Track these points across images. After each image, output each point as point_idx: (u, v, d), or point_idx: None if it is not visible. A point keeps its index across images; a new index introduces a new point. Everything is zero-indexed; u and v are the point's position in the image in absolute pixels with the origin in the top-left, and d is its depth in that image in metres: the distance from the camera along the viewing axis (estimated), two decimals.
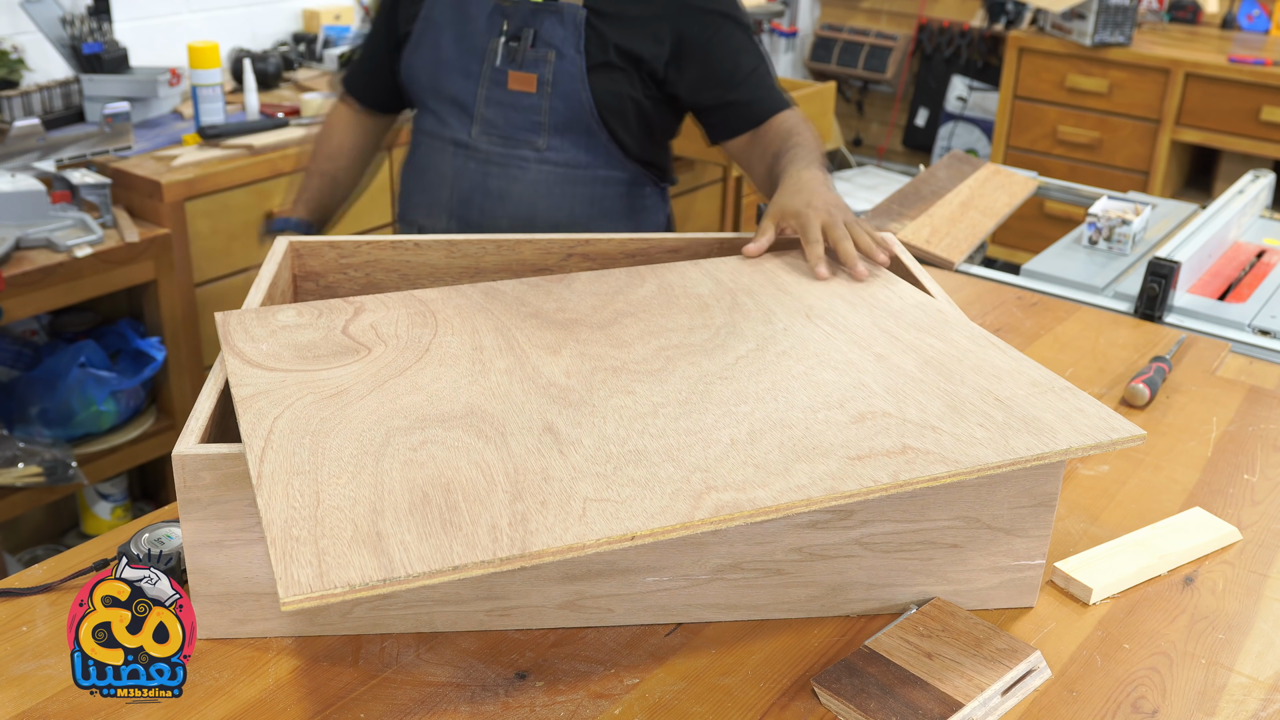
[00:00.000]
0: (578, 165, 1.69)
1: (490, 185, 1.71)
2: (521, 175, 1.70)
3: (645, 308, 1.24)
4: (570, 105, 1.64)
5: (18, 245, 2.14)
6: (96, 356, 2.33)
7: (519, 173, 1.70)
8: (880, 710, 0.94)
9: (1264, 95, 3.88)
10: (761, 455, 0.93)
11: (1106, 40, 4.10)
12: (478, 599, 1.03)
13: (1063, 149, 4.31)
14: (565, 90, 1.63)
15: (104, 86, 2.61)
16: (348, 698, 0.96)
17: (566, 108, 1.64)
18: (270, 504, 0.85)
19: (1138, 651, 1.06)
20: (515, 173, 1.70)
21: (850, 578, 1.07)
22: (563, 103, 1.64)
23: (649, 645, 1.04)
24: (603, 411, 1.00)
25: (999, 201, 2.38)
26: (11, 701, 0.94)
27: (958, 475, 0.91)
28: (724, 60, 1.65)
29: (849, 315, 1.21)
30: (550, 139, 1.68)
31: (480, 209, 1.71)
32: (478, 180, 1.71)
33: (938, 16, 4.90)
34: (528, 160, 1.69)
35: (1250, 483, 1.34)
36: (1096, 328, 1.78)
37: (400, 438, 0.95)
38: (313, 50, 3.18)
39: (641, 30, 1.63)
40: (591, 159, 1.69)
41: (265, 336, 1.14)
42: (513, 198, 1.70)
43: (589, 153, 1.69)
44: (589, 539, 0.82)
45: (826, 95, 3.58)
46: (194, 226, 2.38)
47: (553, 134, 1.67)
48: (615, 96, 1.65)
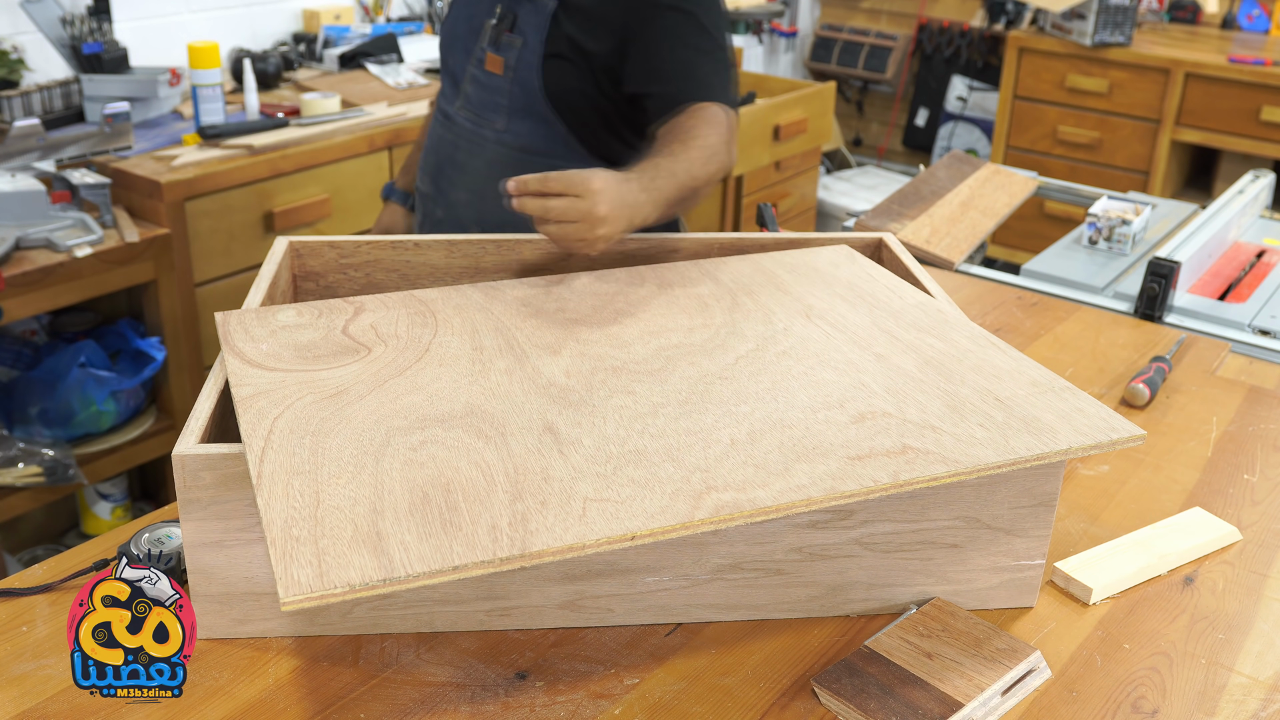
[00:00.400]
0: (533, 151, 1.72)
1: (458, 157, 1.79)
2: (481, 152, 1.76)
3: (645, 308, 1.24)
4: (527, 91, 1.69)
5: (18, 245, 2.14)
6: (96, 356, 2.33)
7: (479, 149, 1.76)
8: (880, 710, 0.94)
9: (1264, 95, 3.88)
10: (761, 455, 0.93)
11: (1106, 40, 4.10)
12: (478, 599, 1.03)
13: (1063, 149, 4.31)
14: (523, 77, 1.68)
15: (104, 86, 2.61)
16: (348, 698, 0.96)
17: (524, 93, 1.69)
18: (270, 504, 0.85)
19: (1138, 651, 1.06)
20: (476, 149, 1.76)
21: (850, 578, 1.07)
22: (520, 88, 1.69)
23: (649, 645, 1.04)
24: (603, 411, 1.00)
25: (999, 201, 2.38)
26: (11, 701, 0.94)
27: (958, 475, 0.91)
28: (661, 51, 1.66)
29: (849, 315, 1.21)
30: (509, 121, 1.72)
31: (448, 178, 1.79)
32: (449, 151, 1.79)
33: (938, 16, 4.90)
34: (487, 139, 1.75)
35: (1250, 483, 1.34)
36: (1096, 328, 1.78)
37: (400, 438, 0.95)
38: (313, 50, 3.18)
39: (598, 25, 1.66)
40: (549, 148, 1.71)
41: (265, 336, 1.14)
42: (471, 172, 1.76)
43: (546, 141, 1.71)
44: (589, 539, 0.82)
45: (826, 95, 3.58)
46: (194, 226, 2.38)
47: (511, 117, 1.72)
48: (566, 88, 1.68)
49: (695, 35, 1.66)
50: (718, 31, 1.68)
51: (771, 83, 3.64)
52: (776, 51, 5.11)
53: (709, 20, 1.67)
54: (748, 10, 4.35)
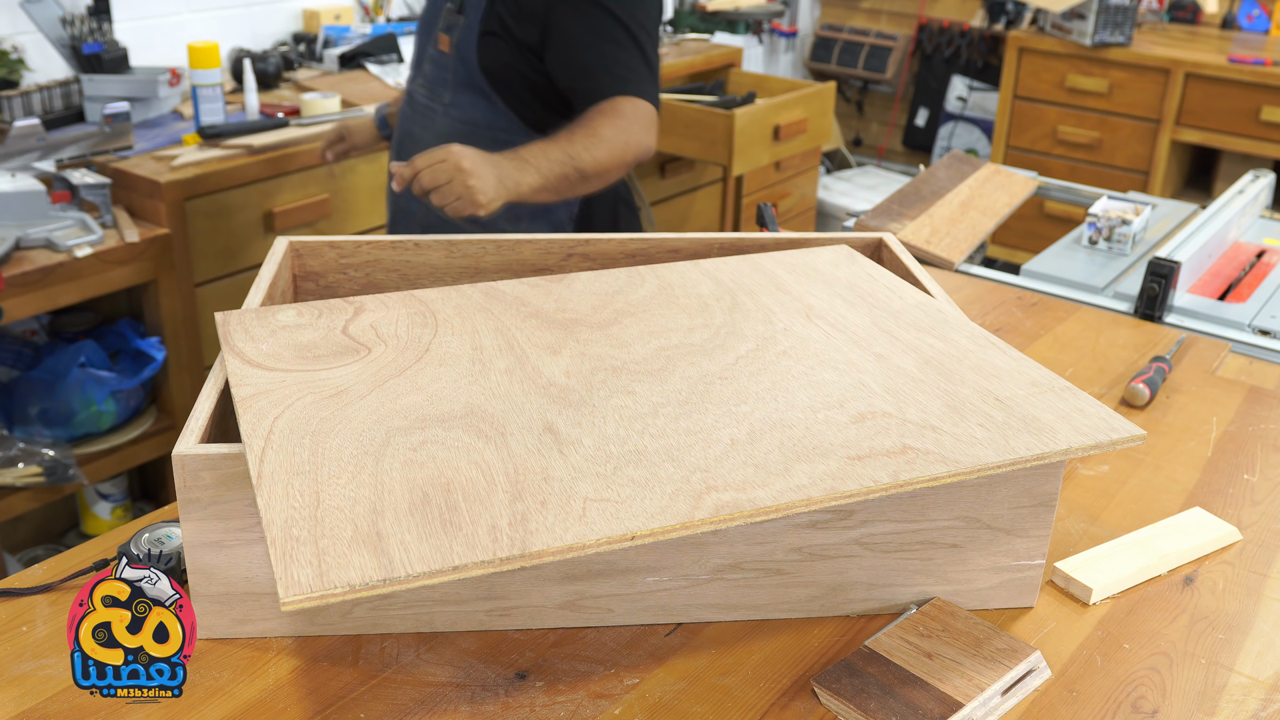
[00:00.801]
0: (476, 124, 1.86)
1: (414, 130, 1.94)
2: (432, 125, 1.91)
3: (645, 308, 1.24)
4: (466, 67, 1.84)
5: (18, 245, 2.14)
6: (96, 356, 2.33)
7: (430, 123, 1.91)
8: (880, 710, 0.94)
9: (1264, 95, 3.89)
10: (761, 455, 0.93)
11: (1106, 40, 4.10)
12: (478, 599, 1.03)
13: (1063, 149, 4.31)
14: (464, 53, 1.84)
15: (104, 86, 2.61)
16: (348, 698, 0.96)
17: (464, 69, 1.84)
18: (270, 504, 0.85)
19: (1138, 651, 1.06)
20: (429, 122, 1.91)
21: (850, 578, 1.07)
22: (461, 64, 1.84)
23: (649, 645, 1.04)
24: (603, 411, 1.00)
25: (999, 201, 2.38)
26: (11, 701, 0.94)
27: (958, 475, 0.91)
28: (578, 47, 1.78)
29: (849, 315, 1.21)
30: (454, 96, 1.87)
31: (406, 150, 1.93)
32: (408, 126, 1.96)
33: (938, 16, 4.90)
34: (436, 113, 1.90)
35: (1250, 483, 1.34)
36: (1096, 328, 1.78)
37: (400, 438, 0.95)
38: (313, 50, 3.18)
39: (525, 14, 1.79)
40: (490, 120, 1.86)
41: (265, 336, 1.14)
42: (424, 144, 1.87)
43: (487, 114, 1.85)
44: (589, 539, 0.82)
45: (826, 95, 3.58)
46: (194, 226, 2.38)
47: (456, 91, 1.87)
48: (501, 64, 1.82)
49: (613, 30, 1.78)
50: (637, 26, 1.80)
51: (771, 83, 3.64)
52: (776, 51, 5.11)
53: (628, 15, 1.79)
54: (748, 10, 4.35)
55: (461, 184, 1.61)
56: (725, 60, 3.76)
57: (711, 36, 4.10)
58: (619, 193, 2.03)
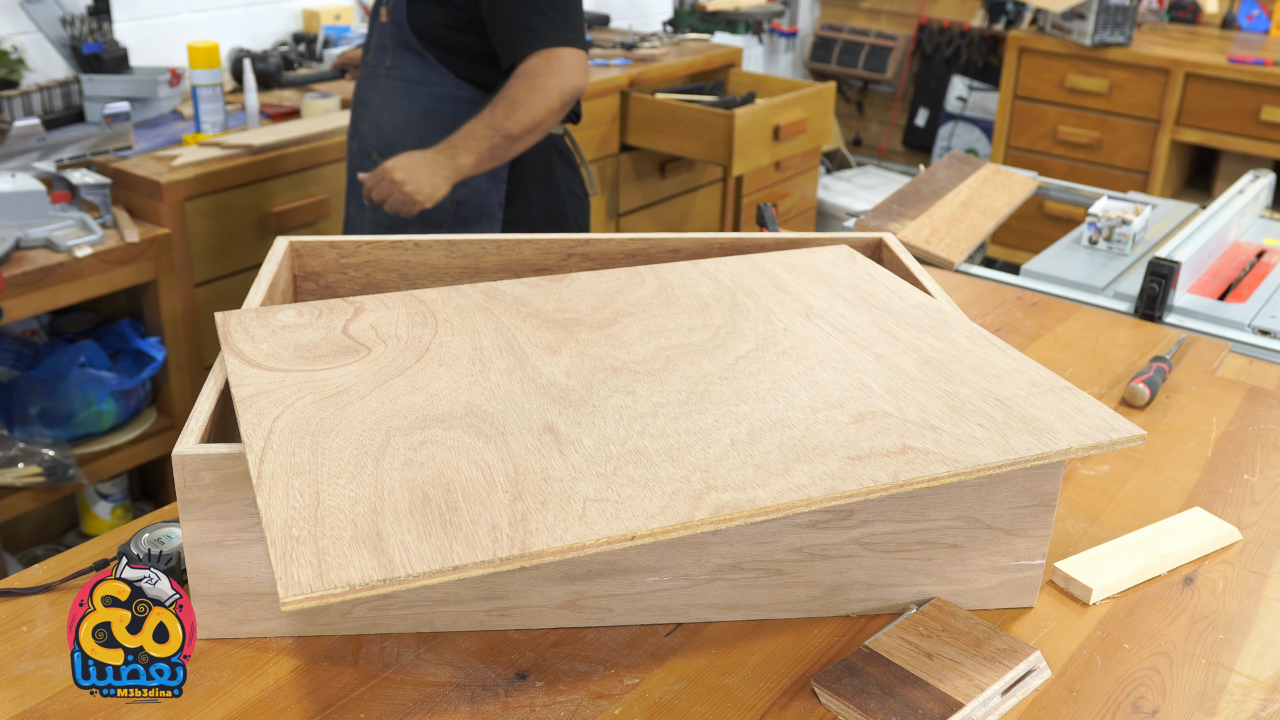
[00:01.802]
0: (414, 81, 2.07)
1: (363, 94, 2.15)
2: (376, 87, 2.12)
3: (645, 308, 1.24)
4: (400, 30, 2.04)
5: (18, 245, 2.14)
6: (96, 356, 2.33)
7: (375, 84, 2.12)
8: (880, 710, 0.94)
9: (1264, 95, 3.89)
10: (761, 455, 0.93)
11: (1106, 40, 4.10)
12: (478, 599, 1.03)
13: (1063, 149, 4.31)
14: (397, 18, 2.04)
15: (104, 86, 2.61)
16: (348, 698, 0.96)
17: (398, 31, 2.05)
18: (270, 504, 0.85)
19: (1138, 651, 1.06)
20: (374, 84, 2.12)
21: (850, 578, 1.07)
22: (396, 28, 2.05)
23: (649, 645, 1.04)
24: (603, 411, 1.00)
25: (999, 201, 2.38)
26: (11, 701, 0.94)
27: (958, 475, 0.91)
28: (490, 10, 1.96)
29: (849, 315, 1.21)
30: (394, 57, 2.07)
31: (358, 114, 2.16)
32: (360, 91, 2.17)
33: (938, 16, 4.90)
34: (379, 75, 2.11)
35: (1250, 483, 1.34)
36: (1096, 328, 1.78)
37: (400, 438, 0.95)
38: (313, 50, 3.18)
39: None
40: (425, 77, 2.06)
41: (265, 336, 1.14)
42: (371, 105, 2.13)
43: (422, 71, 2.06)
44: (589, 539, 0.82)
45: (826, 95, 3.58)
46: (194, 226, 2.38)
47: (395, 54, 2.07)
48: (429, 21, 2.02)
49: None
50: None
51: (771, 83, 3.64)
52: (776, 51, 5.11)
53: None
54: (748, 10, 4.34)
55: (400, 192, 1.93)
56: (725, 60, 3.76)
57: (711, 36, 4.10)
58: (554, 141, 2.20)
